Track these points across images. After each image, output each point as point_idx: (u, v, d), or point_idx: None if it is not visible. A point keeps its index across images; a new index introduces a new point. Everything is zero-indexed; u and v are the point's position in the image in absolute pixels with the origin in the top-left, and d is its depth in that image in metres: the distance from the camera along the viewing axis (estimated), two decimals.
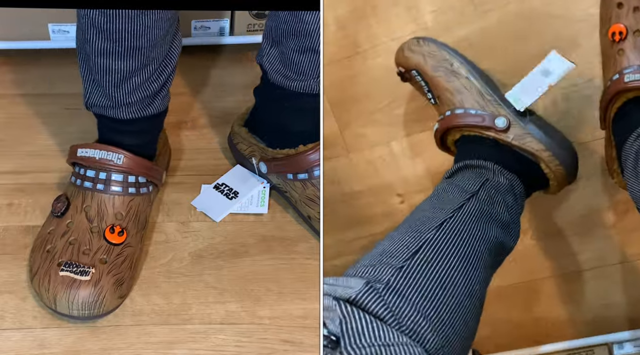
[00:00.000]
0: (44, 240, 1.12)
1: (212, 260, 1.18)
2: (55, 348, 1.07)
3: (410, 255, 0.85)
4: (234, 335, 1.10)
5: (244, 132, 1.26)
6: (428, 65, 1.11)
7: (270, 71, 1.19)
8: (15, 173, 1.27)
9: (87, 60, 1.10)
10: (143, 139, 1.18)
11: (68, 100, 1.35)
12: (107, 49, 1.06)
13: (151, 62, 1.09)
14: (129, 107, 1.13)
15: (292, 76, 1.17)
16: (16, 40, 1.39)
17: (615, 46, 0.99)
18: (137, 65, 1.08)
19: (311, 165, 1.17)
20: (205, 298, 1.13)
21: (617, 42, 0.99)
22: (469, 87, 1.09)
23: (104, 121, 1.17)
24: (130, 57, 1.07)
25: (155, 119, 1.18)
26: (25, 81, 1.41)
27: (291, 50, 1.15)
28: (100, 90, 1.12)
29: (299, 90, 1.18)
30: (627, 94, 0.98)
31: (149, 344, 1.08)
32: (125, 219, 1.13)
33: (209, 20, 1.41)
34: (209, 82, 1.45)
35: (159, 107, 1.16)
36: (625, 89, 0.97)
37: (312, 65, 1.15)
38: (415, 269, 0.84)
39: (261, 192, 1.25)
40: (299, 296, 1.14)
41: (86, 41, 1.07)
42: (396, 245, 0.88)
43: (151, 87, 1.12)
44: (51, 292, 1.07)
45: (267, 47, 1.18)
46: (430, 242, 0.88)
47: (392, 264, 0.84)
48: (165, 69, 1.13)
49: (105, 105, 1.14)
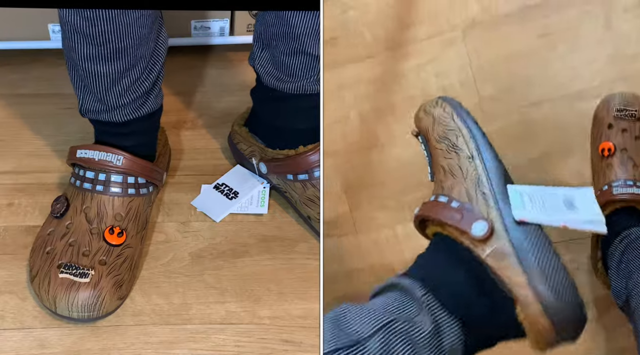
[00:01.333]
0: (44, 241, 1.13)
1: (212, 260, 1.18)
2: (56, 348, 1.07)
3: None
4: (234, 335, 1.10)
5: (244, 132, 1.26)
6: (434, 133, 0.88)
7: (263, 74, 1.19)
8: (15, 173, 1.27)
9: (75, 66, 1.10)
10: (140, 139, 1.18)
11: (68, 100, 1.35)
12: (93, 54, 1.06)
13: (138, 62, 1.09)
14: (122, 109, 1.13)
15: (284, 78, 1.17)
16: (16, 40, 1.39)
17: (605, 161, 1.13)
18: (125, 66, 1.08)
19: (311, 166, 1.17)
20: (206, 298, 1.13)
21: (606, 158, 1.12)
22: (466, 171, 0.83)
23: (99, 126, 1.18)
24: (116, 59, 1.07)
25: (150, 119, 1.18)
26: (25, 81, 1.41)
27: (281, 53, 1.15)
28: (92, 95, 1.12)
29: (293, 92, 1.18)
30: (614, 204, 1.09)
31: (149, 344, 1.08)
32: (125, 220, 1.14)
33: (209, 20, 1.41)
34: (209, 82, 1.45)
35: (153, 106, 1.16)
36: (613, 200, 1.09)
37: (303, 68, 1.15)
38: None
39: (261, 192, 1.25)
40: (299, 296, 1.14)
41: (72, 49, 1.07)
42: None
43: (142, 87, 1.12)
44: (51, 294, 1.07)
45: (257, 50, 1.18)
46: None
47: None
48: (154, 67, 1.13)
49: (99, 110, 1.14)
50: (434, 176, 0.88)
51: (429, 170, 0.90)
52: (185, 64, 1.47)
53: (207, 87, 1.44)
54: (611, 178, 1.11)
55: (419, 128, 0.90)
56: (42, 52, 1.42)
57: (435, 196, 0.84)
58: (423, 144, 0.90)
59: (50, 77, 1.41)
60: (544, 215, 0.79)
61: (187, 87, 1.43)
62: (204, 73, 1.46)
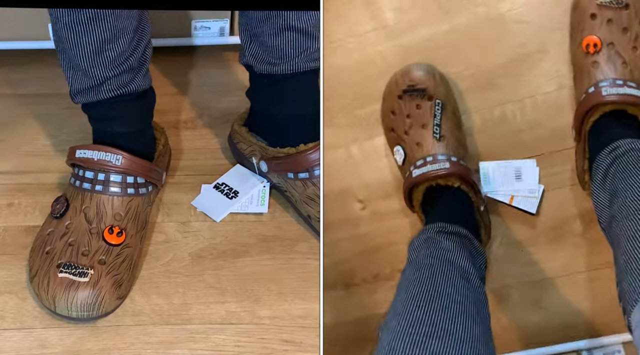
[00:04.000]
0: (43, 241, 1.13)
1: (212, 260, 1.18)
2: (56, 348, 1.07)
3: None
4: (234, 335, 1.10)
5: (244, 131, 1.26)
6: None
7: (254, 63, 1.20)
8: (15, 173, 1.27)
9: (62, 45, 1.12)
10: (133, 126, 1.18)
11: (68, 100, 1.35)
12: (74, 20, 1.08)
13: (121, 35, 1.10)
14: (108, 84, 1.13)
15: (275, 61, 1.18)
16: (16, 40, 1.39)
17: (590, 58, 1.00)
18: (106, 35, 1.09)
19: (312, 165, 1.17)
20: (206, 298, 1.13)
21: (591, 54, 1.00)
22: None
23: (91, 112, 1.18)
24: (97, 27, 1.08)
25: (139, 101, 1.18)
26: (25, 81, 1.41)
27: (268, 36, 1.16)
28: (79, 72, 1.13)
29: (285, 73, 1.18)
30: (603, 107, 0.99)
31: (149, 344, 1.08)
32: (124, 219, 1.13)
33: (209, 20, 1.41)
34: (209, 82, 1.45)
35: (140, 85, 1.16)
36: (602, 103, 0.98)
37: (292, 45, 1.16)
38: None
39: (261, 191, 1.25)
40: (299, 296, 1.14)
41: (57, 20, 1.10)
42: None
43: (127, 62, 1.13)
44: (50, 293, 1.07)
45: (246, 44, 1.20)
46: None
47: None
48: (139, 44, 1.14)
49: (87, 87, 1.14)
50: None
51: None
52: (185, 64, 1.47)
53: (207, 87, 1.43)
54: (598, 78, 1.00)
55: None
56: (42, 52, 1.42)
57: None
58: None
59: (50, 77, 1.41)
60: (499, 187, 1.04)
61: (187, 87, 1.43)
62: (204, 73, 1.46)
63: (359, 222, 1.20)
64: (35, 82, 1.41)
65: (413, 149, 1.10)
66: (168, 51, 1.45)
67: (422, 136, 1.09)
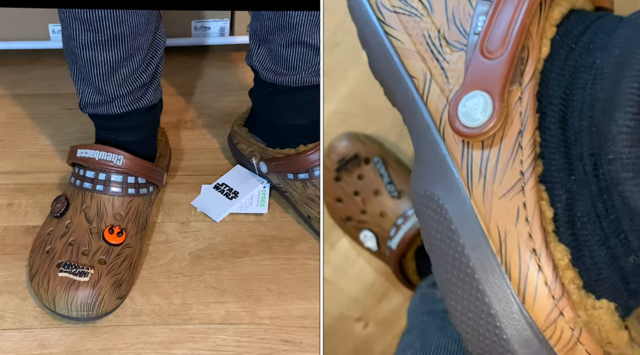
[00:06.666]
0: (44, 241, 1.13)
1: (212, 260, 1.18)
2: (56, 348, 1.07)
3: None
4: (234, 335, 1.10)
5: (244, 132, 1.26)
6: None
7: (261, 70, 1.19)
8: (15, 173, 1.27)
9: (75, 58, 1.11)
10: (139, 135, 1.18)
11: (68, 100, 1.35)
12: (90, 40, 1.07)
13: (137, 52, 1.10)
14: (120, 100, 1.13)
15: (282, 72, 1.17)
16: (16, 40, 1.39)
17: None
18: (123, 54, 1.08)
19: (312, 165, 1.17)
20: (205, 298, 1.13)
21: None
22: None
23: (99, 121, 1.18)
24: (113, 47, 1.07)
25: (149, 113, 1.18)
26: (25, 81, 1.41)
27: (278, 46, 1.15)
28: (91, 86, 1.12)
29: (291, 85, 1.18)
30: None
31: (149, 344, 1.08)
32: (125, 219, 1.14)
33: (209, 20, 1.42)
34: (209, 82, 1.45)
35: (151, 99, 1.16)
36: None
37: (300, 58, 1.16)
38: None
39: (261, 192, 1.25)
40: (299, 296, 1.14)
41: (70, 37, 1.08)
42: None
43: (140, 79, 1.13)
44: (50, 293, 1.07)
45: (254, 47, 1.19)
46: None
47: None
48: (152, 59, 1.13)
49: (98, 102, 1.14)
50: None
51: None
52: (185, 64, 1.47)
53: (207, 87, 1.44)
54: None
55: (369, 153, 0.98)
56: (42, 52, 1.42)
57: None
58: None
59: (50, 77, 1.41)
60: None
61: (187, 87, 1.43)
62: (204, 73, 1.46)
63: (370, 343, 1.17)
64: (35, 82, 1.41)
65: (380, 223, 1.06)
66: (168, 51, 1.45)
67: (381, 203, 1.05)
